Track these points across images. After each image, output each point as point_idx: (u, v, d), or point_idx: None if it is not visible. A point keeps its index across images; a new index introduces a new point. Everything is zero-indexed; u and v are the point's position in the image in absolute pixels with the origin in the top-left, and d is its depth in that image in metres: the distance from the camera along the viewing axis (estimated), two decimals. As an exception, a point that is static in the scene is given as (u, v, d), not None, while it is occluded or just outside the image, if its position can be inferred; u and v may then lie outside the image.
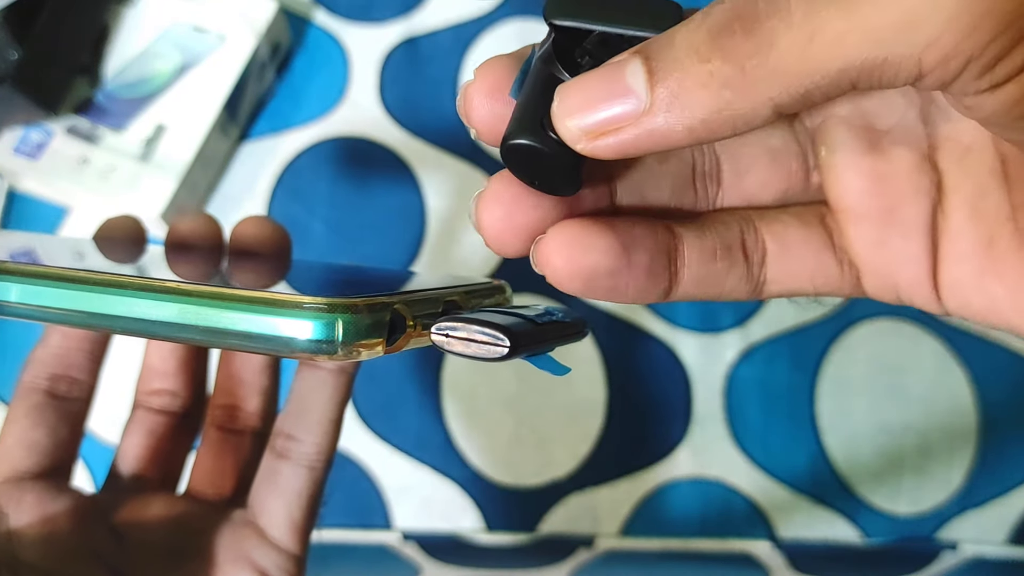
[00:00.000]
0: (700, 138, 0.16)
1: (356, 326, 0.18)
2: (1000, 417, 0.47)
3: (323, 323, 0.17)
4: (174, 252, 0.28)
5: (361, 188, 0.51)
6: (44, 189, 0.49)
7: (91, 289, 0.19)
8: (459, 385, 0.48)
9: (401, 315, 0.19)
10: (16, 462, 0.27)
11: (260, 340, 0.18)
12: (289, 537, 0.27)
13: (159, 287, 0.19)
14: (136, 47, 0.50)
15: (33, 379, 0.28)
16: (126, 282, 0.19)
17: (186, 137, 0.48)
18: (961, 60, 0.14)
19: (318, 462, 0.27)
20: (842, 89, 0.15)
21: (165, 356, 0.30)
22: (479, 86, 0.18)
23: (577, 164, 0.17)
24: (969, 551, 0.46)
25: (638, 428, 0.47)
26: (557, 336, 0.20)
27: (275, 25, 0.50)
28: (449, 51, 0.53)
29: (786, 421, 0.47)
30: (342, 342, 0.17)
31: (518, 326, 0.18)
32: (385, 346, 0.18)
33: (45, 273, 0.20)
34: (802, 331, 0.48)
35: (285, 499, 0.27)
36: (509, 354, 0.18)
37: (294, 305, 0.17)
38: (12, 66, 0.45)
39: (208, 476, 0.30)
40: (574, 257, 0.17)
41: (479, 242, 0.49)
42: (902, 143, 0.19)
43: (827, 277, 0.20)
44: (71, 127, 0.48)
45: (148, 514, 0.28)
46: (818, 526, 0.46)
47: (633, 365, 0.48)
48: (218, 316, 0.18)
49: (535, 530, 0.46)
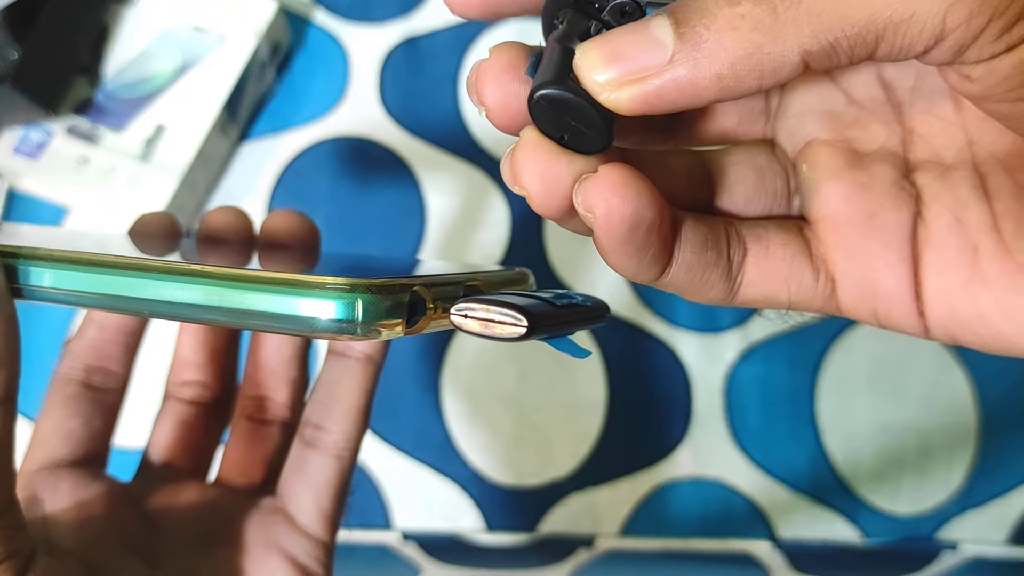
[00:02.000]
0: (727, 88, 0.16)
1: (376, 306, 0.18)
2: (1000, 417, 0.47)
3: (344, 303, 0.18)
4: (206, 244, 0.28)
5: (361, 188, 0.51)
6: (44, 189, 0.49)
7: (120, 273, 0.20)
8: (459, 384, 0.48)
9: (421, 297, 0.19)
10: (52, 450, 0.27)
11: (283, 320, 0.18)
12: (318, 525, 0.27)
13: (185, 270, 0.19)
14: (136, 47, 0.50)
15: (69, 370, 0.28)
16: (153, 266, 0.19)
17: (186, 137, 0.48)
18: (983, 18, 0.15)
19: (346, 451, 0.27)
20: (867, 46, 0.15)
21: (196, 348, 0.31)
22: (493, 63, 0.18)
23: (608, 115, 0.17)
24: (969, 551, 0.46)
25: (638, 428, 0.47)
26: (577, 319, 0.20)
27: (275, 25, 0.50)
28: (449, 51, 0.53)
29: (786, 421, 0.47)
30: (362, 321, 0.18)
31: (536, 307, 0.18)
32: (405, 327, 0.18)
33: (76, 258, 0.20)
34: (802, 331, 0.48)
35: (314, 487, 0.27)
36: (527, 334, 0.18)
37: (316, 285, 0.18)
38: (12, 66, 0.45)
39: (238, 465, 0.30)
40: (628, 197, 0.17)
41: (479, 241, 0.50)
42: (882, 162, 0.20)
43: (802, 284, 0.20)
44: (71, 127, 0.48)
45: (179, 501, 0.28)
46: (818, 526, 0.46)
47: (633, 365, 0.48)
48: (242, 297, 0.18)
49: (535, 530, 0.46)
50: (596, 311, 0.21)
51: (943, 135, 0.20)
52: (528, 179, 0.17)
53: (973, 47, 0.15)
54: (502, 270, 0.23)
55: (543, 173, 0.17)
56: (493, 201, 0.50)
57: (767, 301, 0.20)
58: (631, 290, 0.49)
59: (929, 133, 0.20)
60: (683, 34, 0.16)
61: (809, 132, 0.21)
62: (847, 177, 0.20)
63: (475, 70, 0.18)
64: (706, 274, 0.19)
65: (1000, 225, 0.18)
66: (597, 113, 0.17)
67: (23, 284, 0.20)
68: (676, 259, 0.18)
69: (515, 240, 0.49)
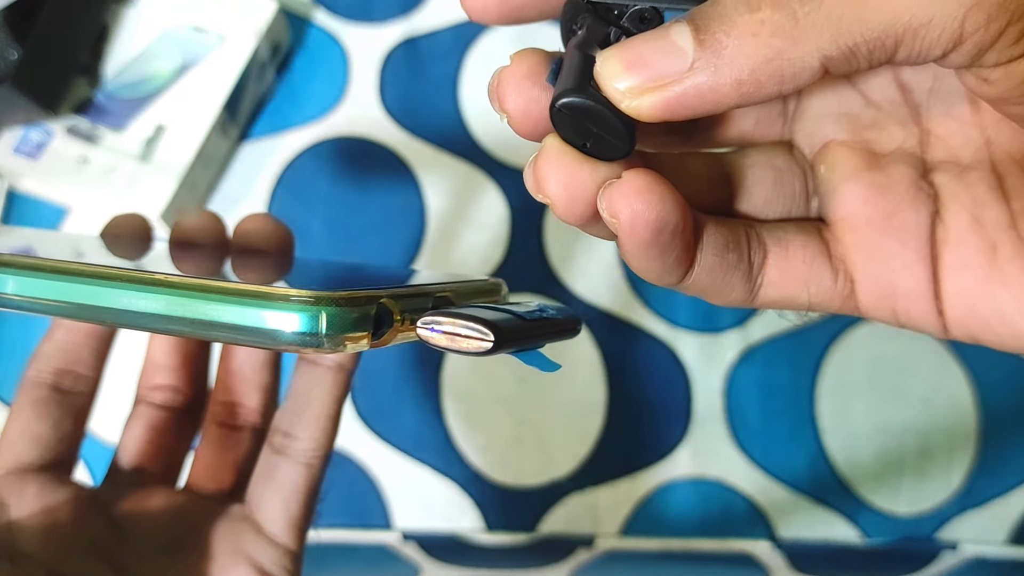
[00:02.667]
0: (747, 94, 0.16)
1: (341, 319, 0.18)
2: (1000, 417, 0.47)
3: (308, 315, 0.17)
4: (178, 249, 0.28)
5: (361, 188, 0.51)
6: (44, 189, 0.49)
7: (83, 281, 0.19)
8: (459, 385, 0.48)
9: (388, 309, 0.19)
10: (19, 454, 0.27)
11: (247, 332, 0.18)
12: (286, 533, 0.27)
13: (148, 279, 0.19)
14: (136, 47, 0.50)
15: (38, 373, 0.28)
16: (116, 274, 0.19)
17: (186, 137, 0.48)
18: (1002, 22, 0.15)
19: (315, 459, 0.27)
20: (886, 50, 0.15)
21: (168, 351, 0.30)
22: (514, 70, 0.18)
23: (629, 122, 0.17)
24: (969, 551, 0.46)
25: (638, 428, 0.47)
26: (546, 333, 0.20)
27: (275, 25, 0.50)
28: (449, 51, 0.53)
29: (786, 421, 0.47)
30: (326, 334, 0.17)
31: (504, 321, 0.18)
32: (371, 340, 0.18)
33: (39, 265, 0.20)
34: (802, 331, 0.48)
35: (282, 495, 0.27)
36: (494, 348, 0.18)
37: (280, 298, 0.18)
38: (12, 66, 0.45)
39: (208, 471, 0.30)
40: (653, 202, 0.17)
41: (479, 242, 0.50)
42: (900, 163, 0.20)
43: (821, 285, 0.20)
44: (71, 127, 0.48)
45: (148, 507, 0.28)
46: (818, 526, 0.46)
47: (633, 365, 0.48)
48: (205, 308, 0.18)
49: (535, 530, 0.46)
50: (566, 324, 0.21)
51: (960, 136, 0.20)
52: (552, 187, 0.17)
53: (991, 51, 0.15)
54: (475, 280, 0.23)
55: (567, 181, 0.17)
56: (493, 201, 0.50)
57: (787, 302, 0.20)
58: (631, 291, 0.49)
59: (946, 134, 0.20)
60: (703, 40, 0.16)
61: (827, 134, 0.21)
62: (865, 178, 0.20)
63: (496, 76, 0.18)
64: (727, 276, 0.19)
65: (1018, 224, 0.18)
66: (619, 120, 0.17)
67: None
68: (698, 262, 0.19)
69: (514, 240, 0.49)
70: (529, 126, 0.18)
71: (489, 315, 0.18)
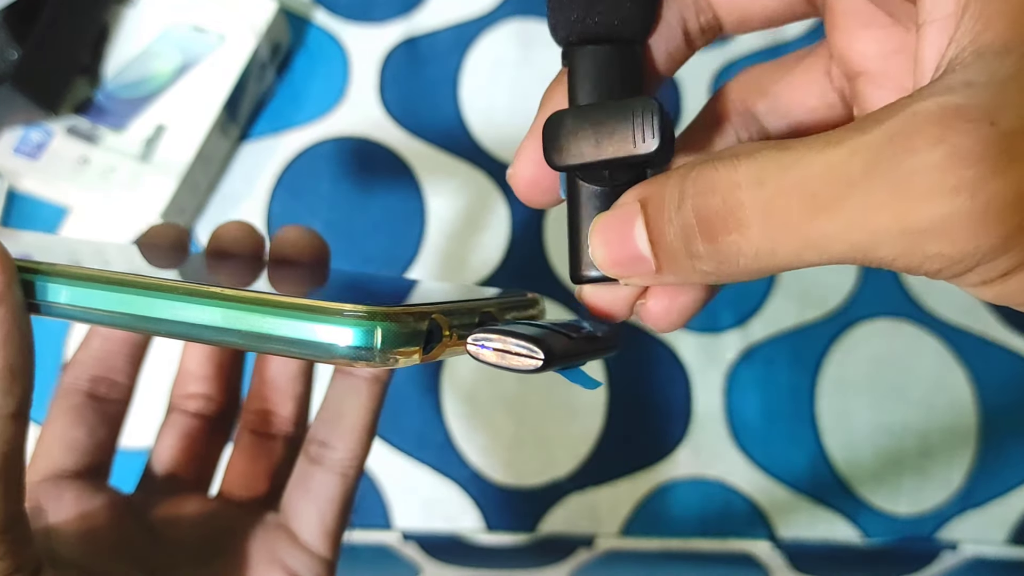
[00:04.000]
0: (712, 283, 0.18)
1: (394, 334, 0.18)
2: (1000, 417, 0.47)
3: (363, 330, 0.18)
4: (215, 259, 0.28)
5: (361, 188, 0.51)
6: (44, 189, 0.49)
7: (140, 293, 0.20)
8: (459, 385, 0.48)
9: (438, 324, 0.19)
10: (55, 460, 0.27)
11: (301, 345, 0.18)
12: (321, 542, 0.28)
13: (205, 292, 0.19)
14: (136, 47, 0.50)
15: (74, 380, 0.28)
16: (172, 286, 0.19)
17: (186, 137, 0.48)
18: (968, 264, 0.15)
19: (351, 469, 0.28)
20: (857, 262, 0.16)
21: (201, 361, 0.31)
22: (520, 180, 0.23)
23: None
24: (969, 551, 0.46)
25: (638, 428, 0.47)
26: (590, 351, 0.20)
27: (275, 25, 0.50)
28: (449, 51, 0.53)
29: (786, 421, 0.47)
30: (380, 349, 0.18)
31: (553, 339, 0.19)
32: (422, 354, 0.19)
33: (94, 276, 0.20)
34: (802, 331, 0.48)
35: (318, 504, 0.27)
36: (543, 367, 0.18)
37: (335, 312, 0.18)
38: (12, 66, 0.45)
39: (241, 479, 0.30)
40: (673, 308, 0.20)
41: (478, 242, 0.50)
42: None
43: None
44: (71, 127, 0.48)
45: (182, 514, 0.28)
46: (818, 526, 0.46)
47: (633, 365, 0.48)
48: (261, 321, 0.18)
49: (535, 530, 0.46)
50: (608, 342, 0.21)
51: None
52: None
53: (971, 276, 0.15)
54: (515, 295, 0.24)
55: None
56: (493, 201, 0.50)
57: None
58: (631, 290, 0.49)
59: None
60: (658, 256, 0.18)
61: None
62: (880, 35, 0.20)
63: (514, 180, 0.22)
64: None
65: None
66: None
67: (40, 300, 0.20)
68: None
69: (515, 240, 0.49)
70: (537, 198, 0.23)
71: (538, 333, 0.19)
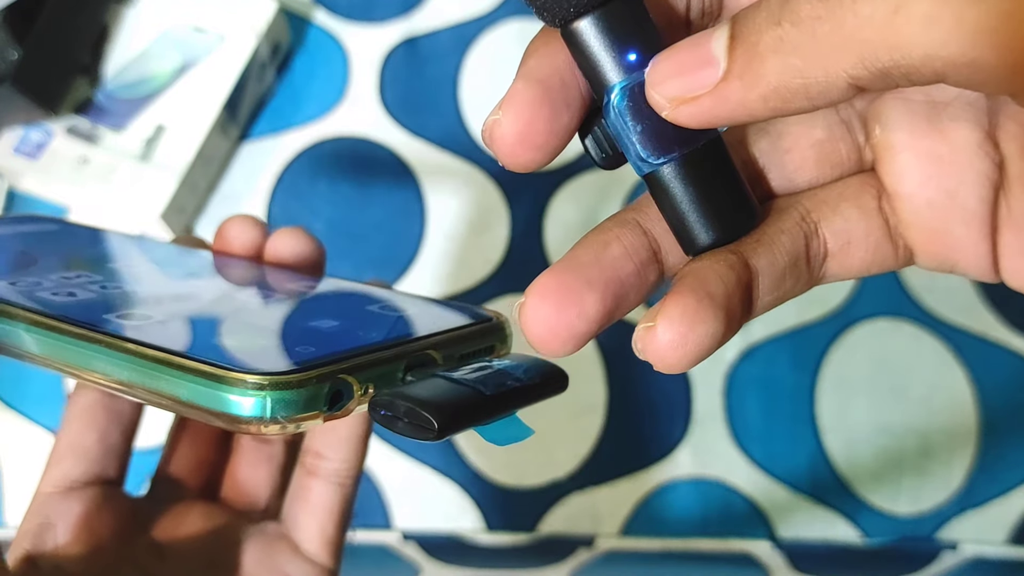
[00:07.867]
0: (776, 108, 0.15)
1: (287, 402, 0.17)
2: (1000, 417, 0.47)
3: (255, 400, 0.17)
4: (220, 260, 0.28)
5: (361, 188, 0.51)
6: (44, 189, 0.49)
7: (60, 339, 0.20)
8: (459, 385, 0.48)
9: (348, 384, 0.18)
10: (66, 469, 0.27)
11: (199, 409, 0.18)
12: (322, 551, 0.28)
13: (117, 345, 0.19)
14: (136, 47, 0.50)
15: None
16: (90, 336, 0.19)
17: (186, 137, 0.48)
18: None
19: (347, 479, 0.28)
20: (926, 79, 0.14)
21: None
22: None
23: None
24: (969, 551, 0.46)
25: (638, 428, 0.47)
26: (512, 405, 0.19)
27: (275, 25, 0.50)
28: (449, 51, 0.53)
29: (786, 421, 0.47)
30: (270, 418, 0.17)
31: (453, 403, 0.17)
32: (326, 415, 0.18)
33: (14, 315, 0.20)
34: (802, 331, 0.48)
35: (317, 515, 0.28)
36: (438, 435, 0.17)
37: (228, 380, 0.17)
38: (12, 66, 0.45)
39: (243, 485, 0.30)
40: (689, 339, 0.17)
41: (478, 242, 0.50)
42: (962, 119, 0.18)
43: (883, 265, 0.19)
44: (71, 127, 0.48)
45: (186, 525, 0.28)
46: (818, 526, 0.46)
47: (633, 365, 0.48)
48: (163, 381, 0.18)
49: (535, 530, 0.46)
50: (544, 388, 0.20)
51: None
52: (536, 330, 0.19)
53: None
54: (473, 324, 0.22)
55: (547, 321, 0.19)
56: (493, 202, 0.50)
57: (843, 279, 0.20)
58: (631, 290, 0.49)
59: None
60: (734, 51, 0.15)
61: None
62: (924, 147, 0.18)
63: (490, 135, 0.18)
64: (786, 296, 0.19)
65: None
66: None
67: None
68: (756, 308, 0.18)
69: (515, 241, 0.49)
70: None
71: (439, 394, 0.17)
